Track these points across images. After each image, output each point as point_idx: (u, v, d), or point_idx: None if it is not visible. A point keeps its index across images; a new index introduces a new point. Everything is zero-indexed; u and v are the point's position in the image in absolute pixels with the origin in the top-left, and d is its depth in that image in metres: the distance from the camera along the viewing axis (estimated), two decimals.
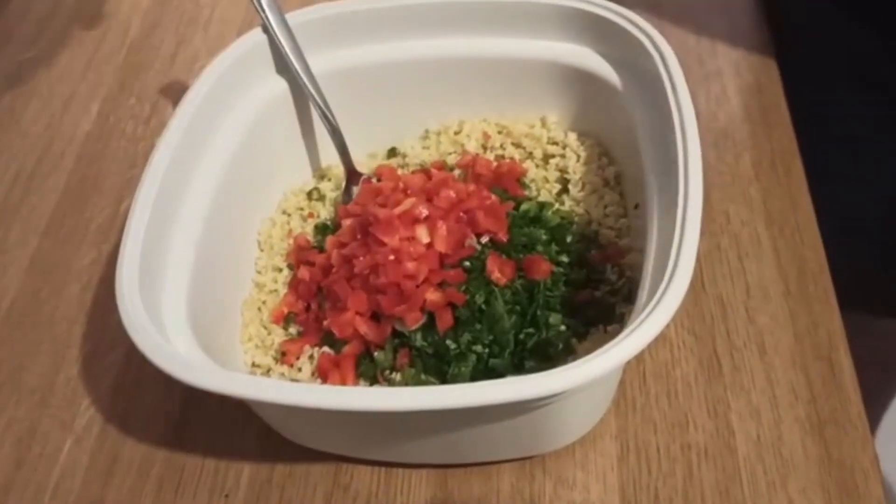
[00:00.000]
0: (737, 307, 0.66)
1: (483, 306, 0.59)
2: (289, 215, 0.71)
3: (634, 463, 0.59)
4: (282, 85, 0.70)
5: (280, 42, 0.67)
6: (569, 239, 0.65)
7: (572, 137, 0.71)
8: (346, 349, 0.61)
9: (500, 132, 0.72)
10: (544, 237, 0.64)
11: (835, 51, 0.80)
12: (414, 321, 0.59)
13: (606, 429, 0.61)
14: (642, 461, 0.59)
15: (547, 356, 0.58)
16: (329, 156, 0.73)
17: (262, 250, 0.69)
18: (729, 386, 0.62)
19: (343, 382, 0.60)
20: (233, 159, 0.66)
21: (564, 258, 0.63)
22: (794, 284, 0.66)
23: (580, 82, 0.68)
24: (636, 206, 0.63)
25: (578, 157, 0.69)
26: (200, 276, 0.60)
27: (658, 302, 0.48)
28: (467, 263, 0.61)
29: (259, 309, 0.67)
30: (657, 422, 0.61)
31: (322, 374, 0.61)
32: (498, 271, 0.60)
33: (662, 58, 0.59)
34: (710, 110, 0.78)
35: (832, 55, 0.80)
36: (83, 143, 0.86)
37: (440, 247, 0.60)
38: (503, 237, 0.62)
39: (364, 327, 0.60)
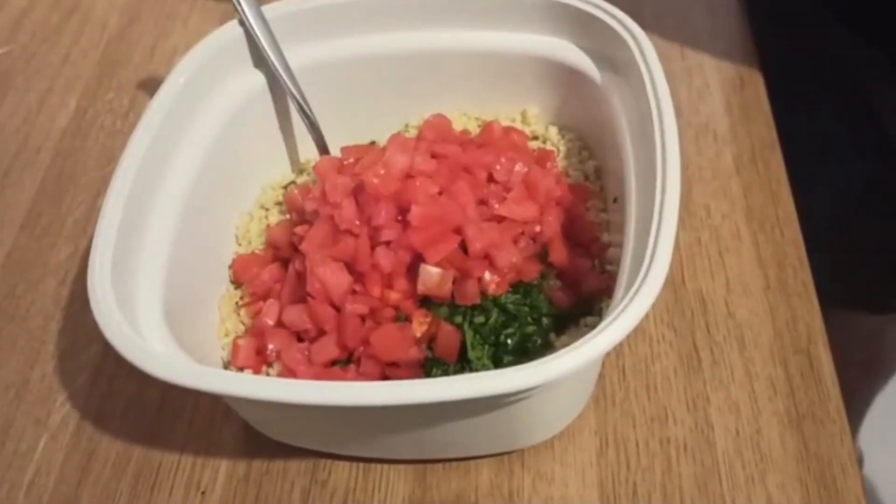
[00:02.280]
0: (717, 301, 0.65)
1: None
2: (266, 209, 0.71)
3: (613, 457, 0.59)
4: (259, 79, 0.69)
5: (256, 35, 0.67)
6: None
7: (553, 131, 0.70)
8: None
9: (480, 126, 0.72)
10: None
11: (814, 48, 0.80)
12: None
13: (585, 423, 0.61)
14: (621, 456, 0.59)
15: (524, 351, 0.58)
16: (308, 150, 0.73)
17: (239, 244, 0.69)
18: (708, 380, 0.62)
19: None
20: (209, 153, 0.65)
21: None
22: (774, 279, 0.66)
23: (560, 76, 0.67)
24: (615, 200, 0.63)
25: (559, 150, 0.69)
26: (176, 272, 0.60)
27: (634, 295, 0.48)
28: None
29: (236, 304, 0.66)
30: (636, 416, 0.61)
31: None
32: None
33: (641, 51, 0.59)
34: (691, 104, 0.78)
35: (811, 53, 0.80)
36: (60, 138, 0.85)
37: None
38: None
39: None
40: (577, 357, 0.46)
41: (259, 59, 0.69)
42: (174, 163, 0.63)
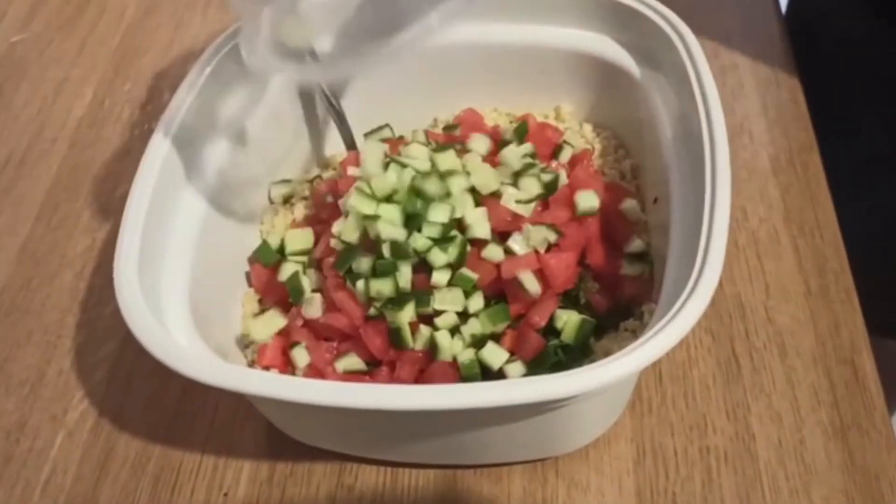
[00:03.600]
0: (756, 307, 0.63)
1: None
2: (292, 204, 0.69)
3: (651, 466, 0.57)
4: None
5: None
6: None
7: (587, 129, 0.68)
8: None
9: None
10: None
11: (855, 47, 0.78)
12: None
13: (621, 431, 0.59)
14: (659, 464, 0.57)
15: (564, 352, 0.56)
16: (333, 145, 0.71)
17: (263, 239, 0.66)
18: (748, 388, 0.60)
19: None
20: (235, 145, 0.63)
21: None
22: (815, 284, 0.64)
23: (597, 71, 0.66)
24: (655, 201, 0.61)
25: (593, 149, 0.67)
26: (202, 265, 0.58)
27: (686, 300, 0.46)
28: None
29: (259, 301, 0.64)
30: (674, 424, 0.59)
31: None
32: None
33: (686, 47, 0.57)
34: (725, 104, 0.74)
35: (852, 52, 0.78)
36: (76, 129, 0.84)
37: None
38: None
39: None
40: (627, 364, 0.44)
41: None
42: (200, 154, 0.61)
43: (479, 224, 0.57)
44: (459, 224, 0.58)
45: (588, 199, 0.59)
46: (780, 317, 0.63)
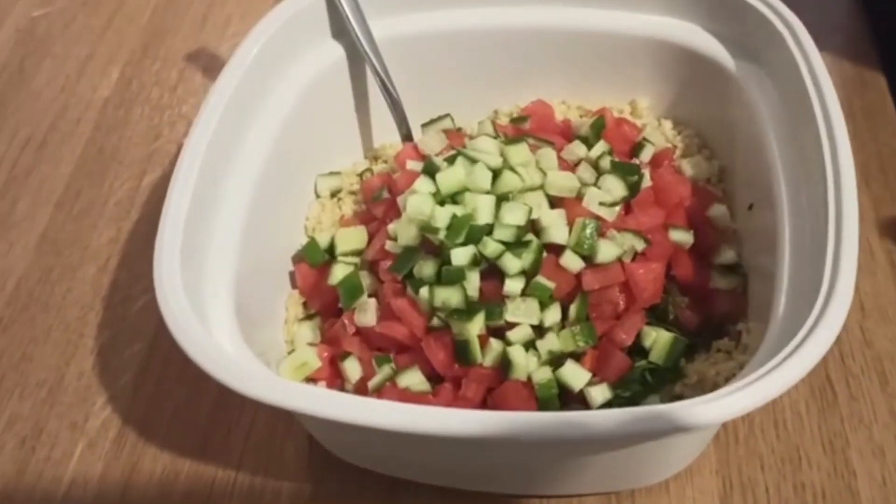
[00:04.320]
0: (851, 327, 0.58)
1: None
2: (340, 199, 0.63)
3: (740, 502, 0.51)
4: (334, 53, 0.62)
5: (341, 2, 0.59)
6: None
7: (667, 126, 0.63)
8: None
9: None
10: None
11: None
12: None
13: (706, 462, 0.53)
14: (749, 501, 0.52)
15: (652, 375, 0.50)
16: (382, 135, 0.65)
17: (309, 237, 0.61)
18: (846, 418, 0.54)
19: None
20: (280, 133, 0.58)
21: None
22: None
23: (682, 63, 0.60)
24: (750, 207, 0.55)
25: (675, 147, 0.61)
26: (246, 264, 0.52)
27: (816, 322, 0.40)
28: None
29: (304, 304, 0.58)
30: (764, 456, 0.53)
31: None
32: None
33: (798, 41, 0.51)
34: None
35: None
36: (101, 110, 0.78)
37: None
38: None
39: None
40: (742, 401, 0.38)
41: (337, 30, 0.61)
42: (244, 143, 0.56)
43: (557, 227, 0.51)
44: (533, 226, 0.52)
45: (681, 236, 0.53)
46: (879, 339, 0.57)
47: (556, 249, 0.51)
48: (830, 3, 0.78)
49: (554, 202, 0.53)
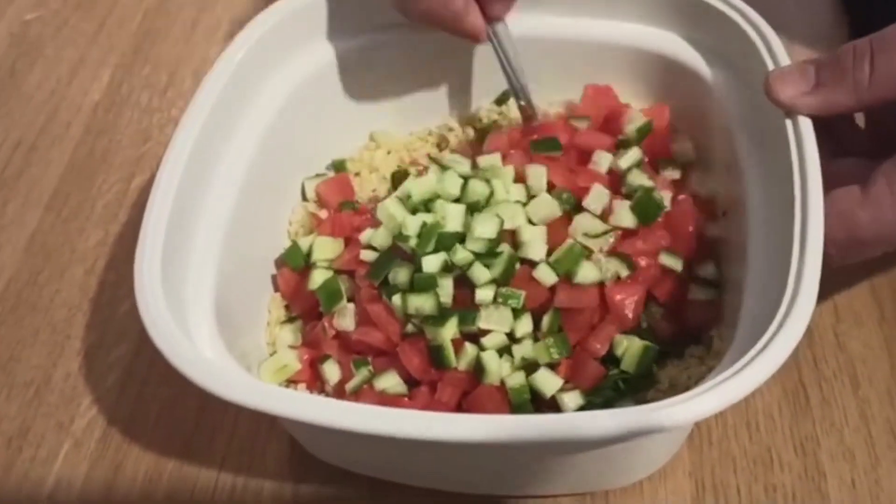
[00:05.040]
0: (824, 332, 0.59)
1: None
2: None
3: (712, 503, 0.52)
4: (322, 57, 0.62)
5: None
6: None
7: None
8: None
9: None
10: None
11: None
12: None
13: (679, 464, 0.54)
14: (720, 502, 0.52)
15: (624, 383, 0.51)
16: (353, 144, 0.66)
17: (292, 240, 0.61)
18: (818, 421, 0.55)
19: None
20: (266, 137, 0.59)
21: None
22: (890, 308, 0.59)
23: (659, 71, 0.60)
24: (724, 214, 0.56)
25: None
26: (228, 268, 0.53)
27: (779, 327, 0.41)
28: None
29: (286, 307, 0.59)
30: (737, 458, 0.54)
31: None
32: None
33: (769, 48, 0.52)
34: None
35: None
36: (92, 113, 0.79)
37: None
38: None
39: None
40: (713, 401, 0.39)
41: (324, 35, 0.62)
42: (228, 146, 0.57)
43: (535, 244, 0.52)
44: (513, 237, 0.53)
45: (672, 261, 0.54)
46: (852, 343, 0.58)
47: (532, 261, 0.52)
48: (814, 13, 0.79)
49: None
